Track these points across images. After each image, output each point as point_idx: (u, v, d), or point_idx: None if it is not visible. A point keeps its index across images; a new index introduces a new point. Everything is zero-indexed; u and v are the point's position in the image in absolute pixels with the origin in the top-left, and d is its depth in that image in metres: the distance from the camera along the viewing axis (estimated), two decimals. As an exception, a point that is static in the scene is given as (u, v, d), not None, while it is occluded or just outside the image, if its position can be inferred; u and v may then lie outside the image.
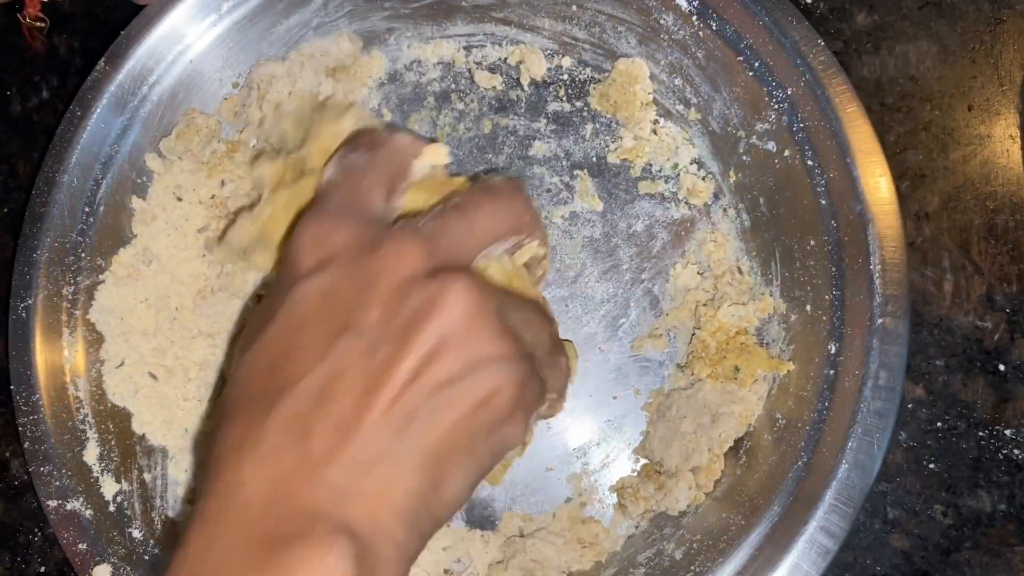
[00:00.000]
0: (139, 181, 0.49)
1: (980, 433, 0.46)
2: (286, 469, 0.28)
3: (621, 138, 0.50)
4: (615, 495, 0.47)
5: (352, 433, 0.28)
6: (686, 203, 0.49)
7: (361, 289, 0.30)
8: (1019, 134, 0.48)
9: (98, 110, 0.48)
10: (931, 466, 0.46)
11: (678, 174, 0.49)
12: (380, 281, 0.30)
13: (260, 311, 0.34)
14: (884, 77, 0.50)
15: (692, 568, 0.43)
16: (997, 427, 0.46)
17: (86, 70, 0.47)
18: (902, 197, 0.45)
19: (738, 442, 0.46)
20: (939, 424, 0.46)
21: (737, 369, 0.46)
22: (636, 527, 0.46)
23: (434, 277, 0.30)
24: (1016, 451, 0.46)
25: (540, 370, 0.33)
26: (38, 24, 0.49)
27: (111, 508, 0.45)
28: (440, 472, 0.29)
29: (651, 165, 0.50)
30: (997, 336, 0.47)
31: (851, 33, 0.50)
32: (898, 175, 0.47)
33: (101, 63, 0.48)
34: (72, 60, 0.55)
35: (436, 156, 0.37)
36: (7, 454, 0.51)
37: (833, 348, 0.43)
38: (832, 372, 0.43)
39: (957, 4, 0.50)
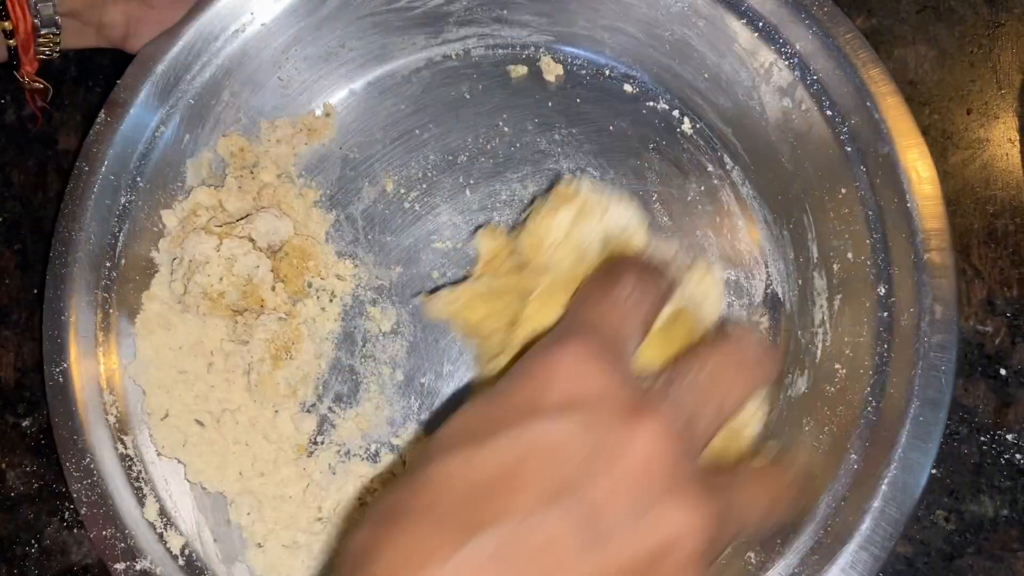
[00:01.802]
0: (155, 230, 0.49)
1: (982, 438, 0.46)
2: None
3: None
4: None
5: None
6: (708, 172, 0.49)
7: (599, 455, 0.28)
8: (1018, 137, 0.49)
9: (106, 162, 0.47)
10: (933, 471, 0.45)
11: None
12: (622, 459, 0.28)
13: (481, 399, 0.31)
14: (883, 81, 0.49)
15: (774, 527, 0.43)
16: (999, 432, 0.46)
17: (82, 79, 0.45)
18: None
19: (797, 403, 0.46)
20: (940, 429, 0.46)
21: None
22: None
23: (680, 487, 0.28)
24: (1018, 456, 0.46)
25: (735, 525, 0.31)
26: (37, 86, 0.48)
27: (180, 562, 0.44)
28: None
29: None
30: (998, 340, 0.47)
31: (849, 37, 0.49)
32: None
33: (102, 115, 0.47)
34: (68, 69, 0.54)
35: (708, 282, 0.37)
36: (2, 465, 0.50)
37: (883, 290, 0.43)
38: (886, 314, 0.43)
39: (955, 8, 0.50)
